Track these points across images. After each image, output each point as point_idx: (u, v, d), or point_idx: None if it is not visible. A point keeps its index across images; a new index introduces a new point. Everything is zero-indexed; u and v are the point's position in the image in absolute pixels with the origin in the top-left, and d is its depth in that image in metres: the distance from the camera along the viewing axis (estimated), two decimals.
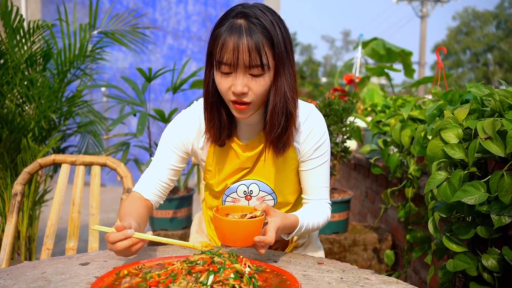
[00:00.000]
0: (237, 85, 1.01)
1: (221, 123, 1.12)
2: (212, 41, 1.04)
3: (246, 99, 1.03)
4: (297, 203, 1.30)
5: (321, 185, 1.21)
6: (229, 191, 1.21)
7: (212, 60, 1.05)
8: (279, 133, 1.08)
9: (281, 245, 1.30)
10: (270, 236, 0.94)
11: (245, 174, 1.20)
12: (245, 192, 1.21)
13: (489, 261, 1.04)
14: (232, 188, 1.20)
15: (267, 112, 1.09)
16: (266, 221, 0.99)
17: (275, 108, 1.06)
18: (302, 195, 1.24)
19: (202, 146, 1.18)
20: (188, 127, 1.18)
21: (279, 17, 1.06)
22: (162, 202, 1.23)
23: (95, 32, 2.72)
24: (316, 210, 1.19)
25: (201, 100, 1.17)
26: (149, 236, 0.92)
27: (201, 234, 1.38)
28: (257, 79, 1.02)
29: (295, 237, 1.34)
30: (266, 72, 1.03)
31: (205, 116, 1.12)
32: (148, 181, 1.18)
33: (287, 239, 1.09)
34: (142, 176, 1.20)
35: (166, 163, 1.18)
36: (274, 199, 1.22)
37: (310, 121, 1.17)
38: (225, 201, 1.23)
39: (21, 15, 2.33)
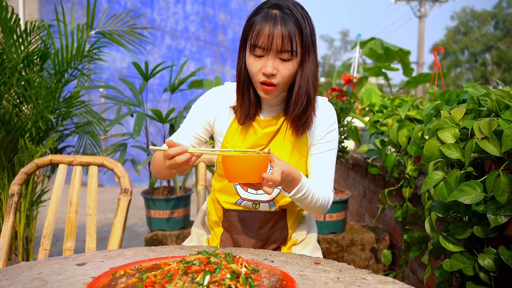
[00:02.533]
0: (267, 66, 1.14)
1: (250, 102, 1.24)
2: (248, 28, 1.17)
3: (273, 81, 1.16)
4: None
5: (326, 170, 1.28)
6: None
7: (246, 45, 1.19)
8: (300, 112, 1.21)
9: (281, 237, 1.32)
10: (276, 176, 1.02)
11: None
12: None
13: (486, 261, 1.04)
14: None
15: (290, 95, 1.23)
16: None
17: (300, 90, 1.20)
18: None
19: (224, 122, 1.29)
20: (215, 101, 1.30)
21: (307, 12, 1.19)
22: None
23: (93, 32, 2.71)
24: (318, 185, 1.25)
25: (230, 83, 1.32)
26: (204, 149, 1.04)
27: (204, 226, 1.42)
28: (286, 63, 1.16)
29: (295, 235, 1.35)
30: (294, 58, 1.16)
31: (237, 95, 1.26)
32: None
33: (289, 195, 1.14)
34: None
35: (191, 130, 1.29)
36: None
37: (324, 108, 1.31)
38: None
39: (17, 15, 2.32)
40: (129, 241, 3.86)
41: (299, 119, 1.23)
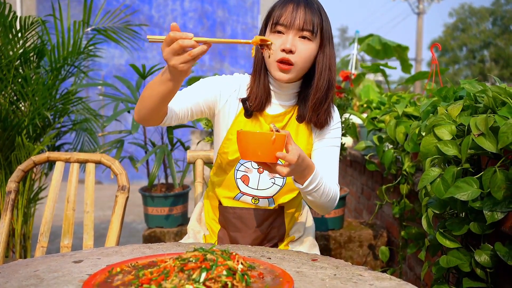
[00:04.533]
0: (287, 42, 1.14)
1: (264, 90, 1.23)
2: (272, 9, 1.19)
3: (291, 58, 1.15)
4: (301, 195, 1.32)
5: (331, 166, 1.26)
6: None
7: (267, 26, 1.20)
8: (321, 97, 1.21)
9: (278, 235, 1.31)
10: (292, 156, 0.98)
11: None
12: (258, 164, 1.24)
13: (482, 257, 1.04)
14: None
15: (302, 90, 1.24)
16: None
17: (322, 73, 1.20)
18: None
19: (232, 112, 1.26)
20: (229, 84, 1.28)
21: (325, 12, 1.22)
22: (172, 123, 1.20)
23: (88, 29, 2.70)
24: (326, 178, 1.19)
25: (242, 75, 1.31)
26: (208, 39, 0.96)
27: (200, 223, 1.41)
28: (305, 42, 1.16)
29: (293, 232, 1.35)
30: (313, 40, 1.17)
31: (251, 82, 1.25)
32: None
33: (301, 187, 1.10)
34: None
35: (194, 93, 1.23)
36: (283, 178, 1.26)
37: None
38: (237, 170, 1.27)
39: (14, 12, 2.31)
40: (127, 238, 3.86)
41: (321, 105, 1.22)
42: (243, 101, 1.25)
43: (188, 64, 0.96)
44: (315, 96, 1.21)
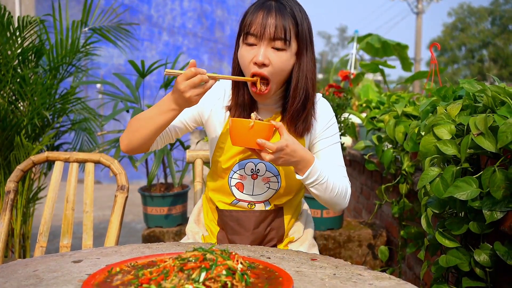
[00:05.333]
0: (259, 55, 1.09)
1: (244, 100, 1.20)
2: (243, 18, 1.14)
3: (265, 72, 1.11)
4: (299, 195, 1.32)
5: (336, 164, 1.24)
6: (238, 166, 1.24)
7: (240, 36, 1.15)
8: (299, 107, 1.17)
9: (277, 236, 1.31)
10: (273, 145, 1.01)
11: None
12: (252, 170, 1.24)
13: (481, 256, 1.04)
14: (241, 164, 1.24)
15: (287, 95, 1.19)
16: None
17: (298, 84, 1.15)
18: None
19: (219, 122, 1.25)
20: (212, 93, 1.26)
21: (305, 11, 1.17)
22: (159, 147, 1.28)
23: (86, 29, 2.70)
24: (334, 171, 1.20)
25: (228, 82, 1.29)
26: (217, 75, 1.06)
27: (199, 224, 1.40)
28: (279, 53, 1.11)
29: (292, 232, 1.34)
30: (288, 49, 1.11)
31: (232, 92, 1.22)
32: None
33: (301, 178, 1.11)
34: None
35: (181, 116, 1.25)
36: (278, 181, 1.24)
37: (320, 103, 1.27)
38: (231, 177, 1.25)
39: (9, 12, 2.31)
40: (126, 238, 3.85)
41: (298, 116, 1.18)
42: (229, 109, 1.24)
43: (200, 97, 1.06)
44: (291, 108, 1.17)
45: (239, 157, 1.24)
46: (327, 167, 1.18)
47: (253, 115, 1.05)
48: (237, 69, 1.20)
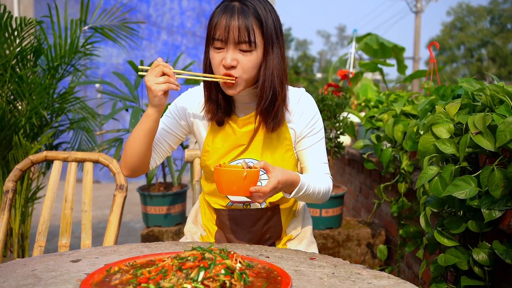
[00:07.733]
0: (227, 58, 1.12)
1: (218, 100, 1.22)
2: (209, 21, 1.16)
3: (234, 73, 1.14)
4: None
5: (319, 162, 1.27)
6: None
7: (209, 38, 1.17)
8: (267, 106, 1.17)
9: (275, 234, 1.31)
10: (266, 187, 1.04)
11: (241, 152, 1.25)
12: None
13: (480, 255, 1.04)
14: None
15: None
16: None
17: (264, 82, 1.17)
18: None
19: (202, 128, 1.28)
20: (192, 99, 1.29)
21: (271, 5, 1.17)
22: (158, 162, 1.32)
23: (86, 27, 2.69)
24: (317, 177, 1.24)
25: (200, 85, 1.30)
26: (183, 72, 1.13)
27: (197, 225, 1.40)
28: (246, 54, 1.13)
29: (290, 230, 1.34)
30: (254, 50, 1.13)
31: (204, 94, 1.24)
32: None
33: (290, 196, 1.15)
34: None
35: (166, 127, 1.29)
36: (268, 178, 1.24)
37: (302, 102, 1.27)
38: None
39: (9, 12, 2.31)
40: (125, 238, 3.85)
41: (268, 114, 1.19)
42: (207, 111, 1.25)
43: (164, 89, 1.09)
44: (259, 106, 1.18)
45: (226, 159, 1.25)
46: (311, 177, 1.22)
47: (243, 163, 1.06)
48: (208, 70, 1.21)
